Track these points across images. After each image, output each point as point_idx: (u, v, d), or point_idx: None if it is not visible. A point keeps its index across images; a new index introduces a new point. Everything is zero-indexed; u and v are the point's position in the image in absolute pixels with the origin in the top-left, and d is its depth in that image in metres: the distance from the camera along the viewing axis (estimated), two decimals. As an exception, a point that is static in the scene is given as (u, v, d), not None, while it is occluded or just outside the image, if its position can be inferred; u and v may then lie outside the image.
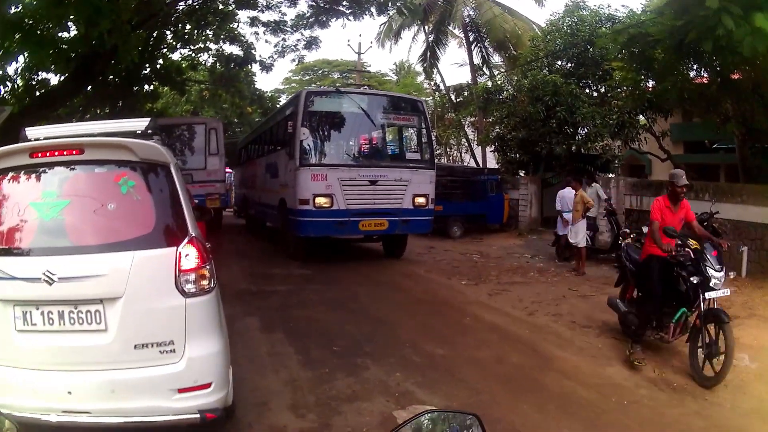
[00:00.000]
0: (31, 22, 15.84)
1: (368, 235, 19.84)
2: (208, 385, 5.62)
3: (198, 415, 5.52)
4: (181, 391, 5.47)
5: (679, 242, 9.26)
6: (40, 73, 23.00)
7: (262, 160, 25.60)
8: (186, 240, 5.68)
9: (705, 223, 16.24)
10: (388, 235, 19.86)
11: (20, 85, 23.19)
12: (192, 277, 5.60)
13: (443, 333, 10.88)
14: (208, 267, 5.78)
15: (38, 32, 16.18)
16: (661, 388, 8.27)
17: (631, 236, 16.56)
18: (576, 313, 12.49)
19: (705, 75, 20.68)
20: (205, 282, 5.70)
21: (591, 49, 26.99)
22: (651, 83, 22.60)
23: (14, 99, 22.41)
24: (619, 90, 26.46)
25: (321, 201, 17.48)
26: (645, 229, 16.54)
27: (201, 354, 5.63)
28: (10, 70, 21.80)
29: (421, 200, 18.80)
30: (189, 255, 5.62)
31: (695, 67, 20.07)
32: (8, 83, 22.23)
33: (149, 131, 6.79)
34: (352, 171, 18.07)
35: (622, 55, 21.74)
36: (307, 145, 17.98)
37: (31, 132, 6.68)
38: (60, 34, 18.86)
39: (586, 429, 7.02)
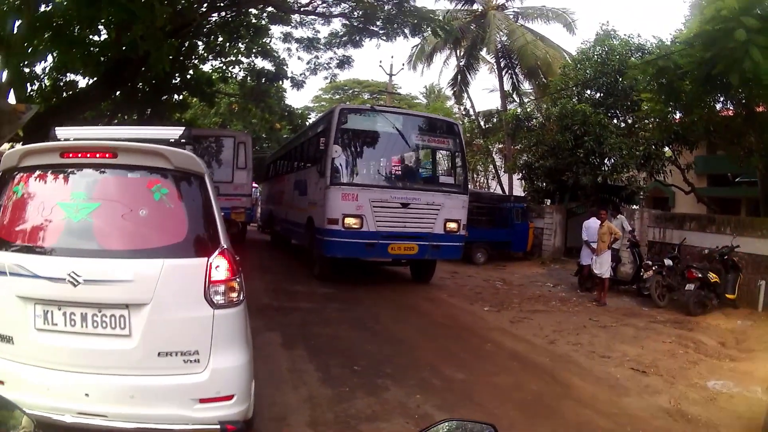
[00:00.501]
0: (60, 21, 15.90)
1: (397, 258, 19.45)
2: (230, 397, 5.57)
3: (218, 427, 5.45)
4: (202, 401, 5.43)
5: None
6: (68, 74, 23.08)
7: (290, 177, 25.25)
8: (217, 251, 5.66)
9: (726, 257, 16.33)
10: (416, 260, 19.35)
11: (48, 84, 23.20)
12: (221, 288, 5.57)
13: (463, 357, 10.85)
14: (238, 280, 5.73)
15: (69, 32, 16.24)
16: (676, 419, 8.26)
17: (653, 268, 16.60)
18: (596, 343, 12.49)
19: (731, 108, 20.77)
20: (234, 294, 5.67)
21: (620, 80, 26.89)
22: (678, 115, 22.61)
23: (41, 98, 22.41)
24: (646, 121, 26.55)
25: (351, 222, 17.05)
26: (668, 262, 16.64)
27: (225, 366, 5.59)
28: (38, 69, 21.88)
29: (452, 225, 18.32)
30: (220, 266, 5.59)
31: (722, 99, 20.17)
32: (36, 82, 22.27)
33: (183, 140, 6.78)
34: (384, 192, 17.58)
35: (651, 87, 21.60)
36: (338, 164, 17.50)
37: (62, 132, 6.71)
38: (91, 37, 19.04)
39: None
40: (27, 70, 20.61)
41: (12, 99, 17.78)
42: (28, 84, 21.18)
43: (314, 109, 65.08)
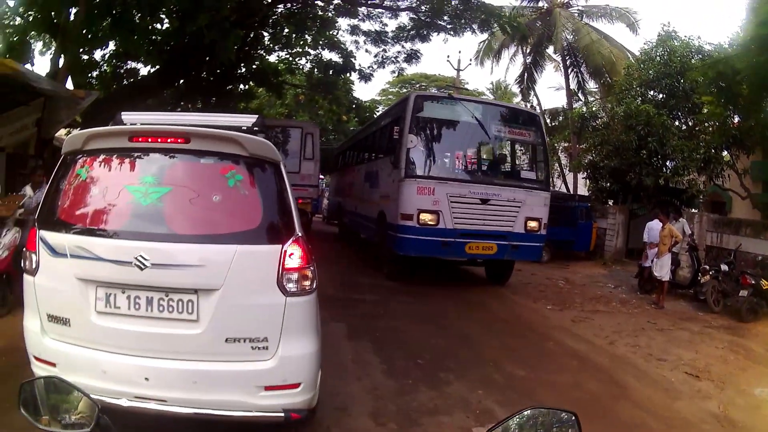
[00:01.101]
0: (119, 9, 16.08)
1: (473, 258, 17.99)
2: (297, 385, 5.62)
3: (282, 414, 5.54)
4: (267, 388, 5.50)
5: None
6: (129, 62, 23.32)
7: (361, 168, 24.23)
8: (292, 239, 5.67)
9: None
10: (494, 260, 18.06)
11: (108, 71, 23.38)
12: (295, 276, 5.57)
13: (525, 355, 10.89)
14: (311, 268, 5.74)
15: (129, 20, 16.41)
16: (723, 425, 8.28)
17: (710, 273, 16.50)
18: (653, 345, 12.50)
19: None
20: (307, 283, 5.67)
21: (682, 81, 26.84)
22: (736, 119, 22.54)
23: (100, 85, 22.63)
24: (706, 124, 26.31)
25: (426, 218, 15.87)
26: (724, 267, 16.56)
27: (294, 354, 5.61)
28: (98, 56, 22.12)
29: (533, 224, 17.02)
30: (294, 254, 5.60)
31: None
32: (96, 69, 22.50)
33: (255, 128, 6.84)
34: (462, 186, 16.31)
35: (711, 90, 21.41)
36: (413, 155, 16.31)
37: (128, 117, 6.80)
38: (153, 26, 19.27)
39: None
40: (86, 57, 20.90)
41: (69, 85, 18.08)
42: (88, 71, 21.47)
43: (381, 102, 64.75)
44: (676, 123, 28.68)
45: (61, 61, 17.02)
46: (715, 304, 16.81)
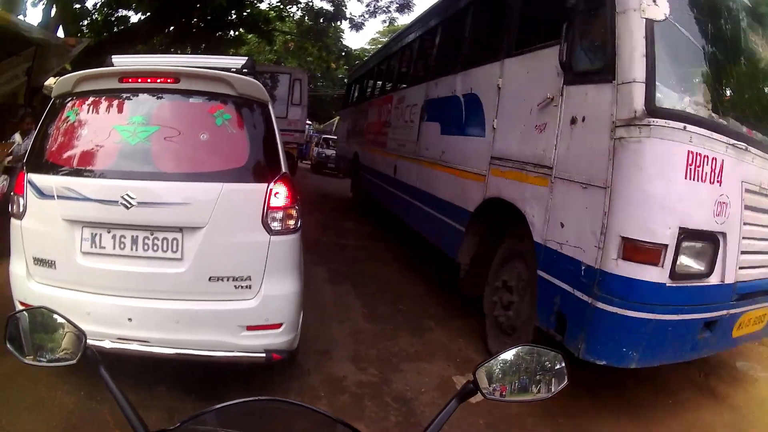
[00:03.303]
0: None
1: (736, 345, 7.92)
2: (278, 326, 5.66)
3: (264, 355, 5.58)
4: (249, 328, 5.54)
5: None
6: (120, 10, 23.34)
7: (417, 92, 13.05)
8: (277, 177, 5.67)
9: None
10: None
11: (99, 19, 23.49)
12: (279, 215, 5.60)
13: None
14: (296, 207, 5.76)
15: None
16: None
17: None
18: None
19: None
20: (291, 222, 5.70)
21: None
22: None
23: (91, 33, 22.75)
24: None
25: (695, 256, 6.01)
26: None
27: (277, 293, 5.64)
28: (89, 4, 22.16)
29: None
30: (279, 193, 5.61)
31: None
32: (88, 18, 22.58)
33: (245, 70, 6.82)
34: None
35: None
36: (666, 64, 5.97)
37: (118, 60, 6.84)
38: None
39: None
40: (78, 6, 20.94)
41: (60, 33, 18.16)
42: (80, 20, 21.53)
43: (370, 51, 65.25)
44: None
45: (53, 11, 17.01)
46: None
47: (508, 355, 2.44)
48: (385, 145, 15.69)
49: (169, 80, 5.75)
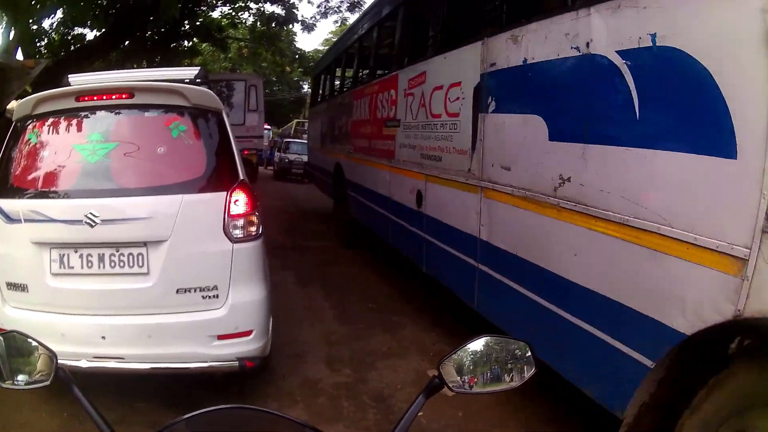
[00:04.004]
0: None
1: None
2: (249, 333, 5.65)
3: (237, 363, 5.58)
4: (221, 337, 5.52)
5: None
6: (76, 28, 23.39)
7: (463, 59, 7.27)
8: (236, 185, 5.68)
9: None
10: None
11: (56, 39, 23.57)
12: (240, 222, 5.61)
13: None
14: (256, 213, 5.77)
15: None
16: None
17: None
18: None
19: None
20: (253, 228, 5.72)
21: None
22: None
23: (49, 53, 22.79)
24: None
25: None
26: None
27: (244, 300, 5.64)
28: (46, 24, 22.18)
29: None
30: (239, 200, 5.62)
31: None
32: (44, 38, 22.58)
33: (198, 80, 6.83)
34: None
35: None
36: None
37: (75, 79, 6.84)
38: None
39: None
40: (35, 27, 20.94)
41: (20, 56, 18.11)
42: (37, 40, 21.51)
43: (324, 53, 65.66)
44: None
45: (11, 34, 16.98)
46: None
47: (476, 345, 2.38)
48: (392, 156, 10.31)
49: (123, 96, 5.73)
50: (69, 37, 24.46)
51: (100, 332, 5.33)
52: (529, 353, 2.38)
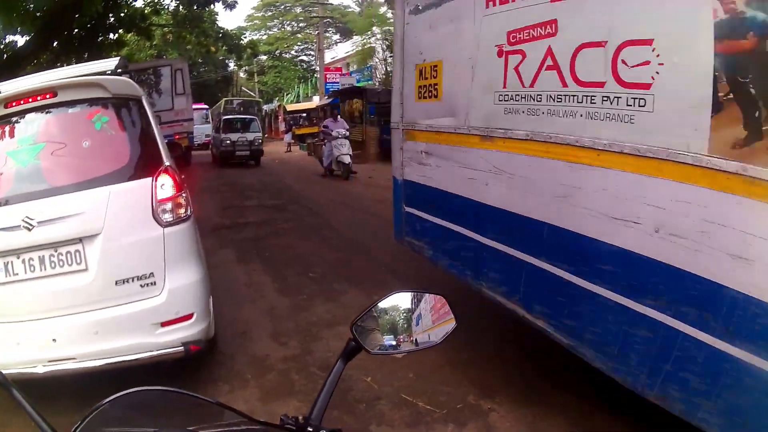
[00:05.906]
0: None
1: None
2: (190, 316, 5.68)
3: (182, 348, 5.60)
4: (164, 324, 5.55)
5: None
6: (7, 37, 23.12)
7: None
8: (161, 170, 5.70)
9: None
10: None
11: (-12, 50, 23.31)
12: (168, 206, 5.64)
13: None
14: (183, 195, 5.81)
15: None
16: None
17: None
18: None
19: None
20: (181, 210, 5.76)
21: None
22: None
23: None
24: None
25: None
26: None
27: (181, 284, 5.68)
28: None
29: None
30: (165, 185, 5.66)
31: None
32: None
33: (119, 70, 6.75)
34: None
35: None
36: None
37: (3, 86, 6.72)
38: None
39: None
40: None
41: None
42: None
43: (248, 29, 64.77)
44: None
45: None
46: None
47: (385, 303, 2.37)
48: None
49: (48, 95, 5.74)
50: (1, 46, 24.14)
51: (50, 335, 5.31)
52: (447, 307, 2.39)
